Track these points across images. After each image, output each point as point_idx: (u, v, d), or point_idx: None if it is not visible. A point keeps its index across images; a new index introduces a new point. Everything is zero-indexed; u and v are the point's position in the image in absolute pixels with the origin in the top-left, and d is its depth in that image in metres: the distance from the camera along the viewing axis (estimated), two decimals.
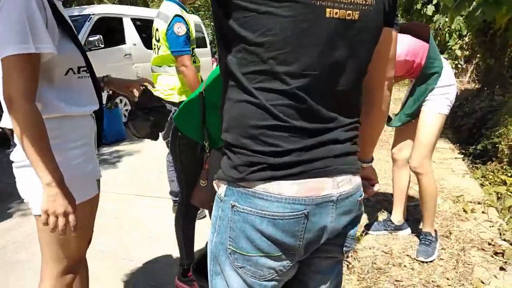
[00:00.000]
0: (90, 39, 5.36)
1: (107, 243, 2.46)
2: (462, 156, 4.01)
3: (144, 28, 7.16)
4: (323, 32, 0.76)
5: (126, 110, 5.99)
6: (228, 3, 0.74)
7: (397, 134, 2.37)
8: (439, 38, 8.24)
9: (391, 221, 2.46)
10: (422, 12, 8.58)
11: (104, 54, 5.63)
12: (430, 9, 8.18)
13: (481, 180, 3.45)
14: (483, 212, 2.71)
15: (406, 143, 2.32)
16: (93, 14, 5.77)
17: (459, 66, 7.89)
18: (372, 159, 1.13)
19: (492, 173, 3.52)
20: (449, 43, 7.90)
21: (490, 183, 3.35)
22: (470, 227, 2.54)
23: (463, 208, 2.77)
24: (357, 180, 0.89)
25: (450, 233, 2.46)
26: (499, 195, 3.03)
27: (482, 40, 6.32)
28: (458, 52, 8.02)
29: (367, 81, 0.98)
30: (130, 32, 6.58)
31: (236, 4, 0.73)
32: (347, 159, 0.86)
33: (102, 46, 5.46)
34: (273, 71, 0.76)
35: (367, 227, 2.51)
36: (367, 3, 0.80)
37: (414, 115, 2.18)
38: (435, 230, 2.33)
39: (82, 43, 5.68)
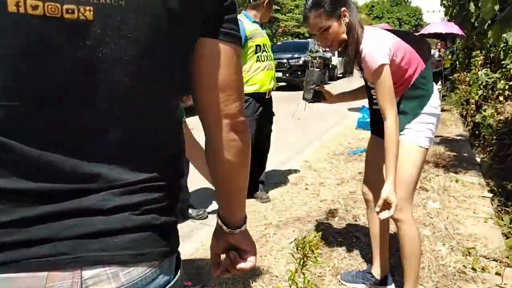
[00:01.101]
0: None
1: None
2: (492, 195, 3.41)
3: None
4: (13, 39, 0.46)
5: None
6: None
7: (368, 168, 1.95)
8: (492, 55, 7.42)
9: (371, 273, 2.03)
10: (474, 26, 7.80)
11: None
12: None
13: (508, 227, 2.87)
14: (497, 274, 2.19)
15: (378, 180, 1.89)
16: None
17: None
18: (244, 222, 0.79)
19: None
20: (503, 62, 7.05)
21: None
22: None
23: (472, 264, 2.27)
24: (134, 273, 0.56)
25: None
26: None
27: None
28: None
29: (202, 119, 0.66)
30: None
31: None
32: (113, 240, 0.54)
33: None
34: None
35: (344, 276, 2.10)
36: None
37: None
38: None
39: None
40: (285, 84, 13.22)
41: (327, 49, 1.75)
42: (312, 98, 2.01)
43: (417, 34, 9.38)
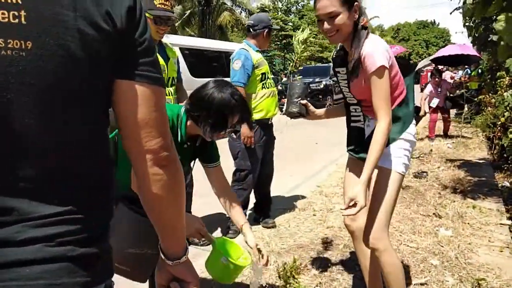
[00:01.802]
0: None
1: None
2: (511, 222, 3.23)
3: (193, 57, 7.39)
4: None
5: None
6: None
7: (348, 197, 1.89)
8: None
9: None
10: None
11: None
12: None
13: None
14: None
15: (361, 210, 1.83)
16: None
17: None
18: (184, 253, 0.81)
19: None
20: None
21: None
22: None
23: None
24: None
25: None
26: None
27: None
28: None
29: (128, 155, 0.70)
30: None
31: None
32: (25, 270, 0.57)
33: None
34: None
35: None
36: (2, 45, 0.53)
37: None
38: None
39: None
40: None
41: (328, 38, 1.64)
42: (298, 111, 1.89)
43: (432, 57, 9.12)
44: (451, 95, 7.40)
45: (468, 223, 3.18)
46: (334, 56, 1.85)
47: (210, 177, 1.76)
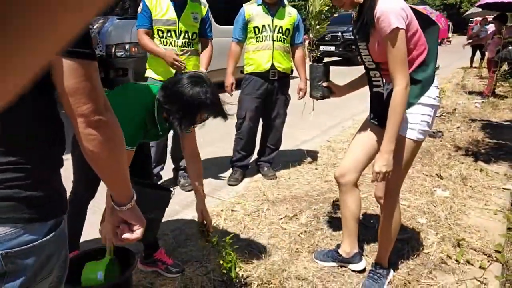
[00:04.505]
0: None
1: None
2: None
3: (217, 3, 7.24)
4: None
5: None
6: None
7: (350, 152, 1.96)
8: None
9: (338, 252, 2.09)
10: None
11: None
12: None
13: None
14: (481, 268, 2.13)
15: (354, 167, 1.91)
16: None
17: None
18: (130, 201, 0.95)
19: None
20: None
21: None
22: (449, 283, 2.02)
23: (456, 256, 2.21)
24: None
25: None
26: None
27: None
28: None
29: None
30: None
31: None
32: None
33: None
34: None
35: (317, 254, 2.19)
36: None
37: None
38: (389, 262, 1.98)
39: None
40: (340, 58, 12.83)
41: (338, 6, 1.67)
42: (321, 95, 1.94)
43: (480, 2, 8.30)
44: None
45: (470, 186, 3.17)
46: (354, 18, 1.78)
47: (184, 142, 1.86)
